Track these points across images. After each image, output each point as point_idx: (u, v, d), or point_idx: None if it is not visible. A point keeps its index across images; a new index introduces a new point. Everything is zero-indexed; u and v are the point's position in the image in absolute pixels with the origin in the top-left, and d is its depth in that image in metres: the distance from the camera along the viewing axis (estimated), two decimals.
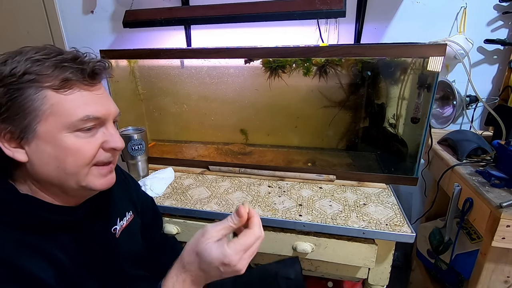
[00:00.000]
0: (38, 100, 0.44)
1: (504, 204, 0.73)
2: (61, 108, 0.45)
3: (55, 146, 0.46)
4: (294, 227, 0.87)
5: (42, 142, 0.45)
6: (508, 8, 1.11)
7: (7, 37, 1.56)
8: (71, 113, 0.46)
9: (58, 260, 0.48)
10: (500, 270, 0.82)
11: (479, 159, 0.99)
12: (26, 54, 0.45)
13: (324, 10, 1.01)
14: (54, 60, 0.45)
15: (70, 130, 0.46)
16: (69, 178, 0.48)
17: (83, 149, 0.47)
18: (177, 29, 1.37)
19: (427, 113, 0.97)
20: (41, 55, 0.45)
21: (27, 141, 0.45)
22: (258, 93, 1.27)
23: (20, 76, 0.43)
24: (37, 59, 0.45)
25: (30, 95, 0.44)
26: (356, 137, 1.27)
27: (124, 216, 0.65)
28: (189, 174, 1.18)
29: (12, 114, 0.44)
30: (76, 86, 0.46)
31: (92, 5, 1.43)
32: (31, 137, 0.45)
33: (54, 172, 0.47)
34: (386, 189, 1.03)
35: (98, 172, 0.51)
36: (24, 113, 0.44)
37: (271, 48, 0.98)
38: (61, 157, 0.46)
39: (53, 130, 0.45)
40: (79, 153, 0.47)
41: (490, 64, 1.21)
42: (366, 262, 0.86)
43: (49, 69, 0.45)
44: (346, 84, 1.21)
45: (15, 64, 0.43)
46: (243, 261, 0.47)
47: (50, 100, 0.45)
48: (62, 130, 0.46)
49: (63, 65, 0.45)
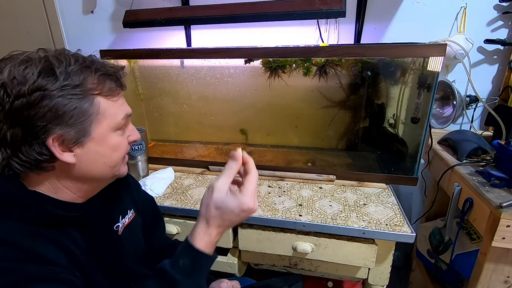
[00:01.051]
0: (94, 107, 0.50)
1: (504, 204, 0.73)
2: (110, 111, 0.52)
3: (104, 145, 0.53)
4: (294, 227, 0.87)
5: (94, 143, 0.51)
6: (508, 8, 1.11)
7: (7, 37, 1.56)
8: (116, 115, 0.54)
9: (71, 251, 0.51)
10: (500, 270, 0.82)
11: (479, 159, 0.99)
12: (69, 64, 0.48)
13: (324, 10, 1.01)
14: (94, 70, 0.51)
15: (114, 129, 0.54)
16: (110, 170, 0.55)
17: (122, 144, 0.56)
18: (177, 29, 1.37)
19: (427, 113, 0.97)
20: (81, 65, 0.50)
21: (81, 144, 0.50)
22: (258, 93, 1.27)
23: (79, 87, 0.48)
24: (81, 69, 0.49)
25: (88, 103, 0.49)
26: (356, 137, 1.27)
27: (126, 214, 0.67)
28: (189, 174, 1.18)
29: (74, 121, 0.48)
30: (116, 92, 0.54)
31: (92, 5, 1.43)
32: (86, 140, 0.50)
33: (100, 168, 0.54)
34: (386, 189, 1.03)
35: (124, 162, 0.60)
36: (84, 118, 0.49)
37: (271, 48, 0.98)
38: (108, 153, 0.54)
39: (104, 132, 0.52)
40: (120, 148, 0.56)
41: (490, 64, 1.21)
42: (366, 262, 0.86)
43: (95, 79, 0.51)
44: (346, 84, 1.21)
45: (64, 75, 0.47)
46: (256, 201, 0.55)
47: (102, 105, 0.51)
48: (110, 130, 0.53)
49: (104, 74, 0.52)
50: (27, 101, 0.44)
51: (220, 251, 0.97)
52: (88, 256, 0.54)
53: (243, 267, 1.03)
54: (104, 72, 0.52)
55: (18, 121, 0.45)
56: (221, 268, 0.97)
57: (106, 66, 0.54)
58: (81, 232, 0.54)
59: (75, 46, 1.58)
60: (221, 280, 0.77)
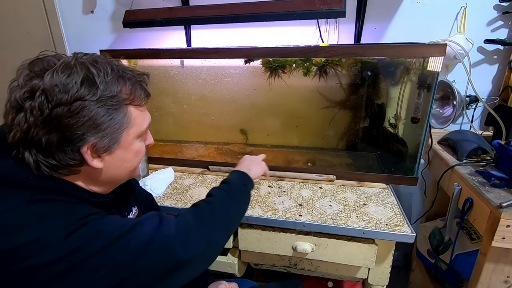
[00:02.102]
0: (126, 116, 0.52)
1: (504, 204, 0.73)
2: (137, 120, 0.55)
3: (129, 151, 0.56)
4: (294, 227, 0.87)
5: (121, 150, 0.54)
6: (508, 8, 1.11)
7: (7, 37, 1.56)
8: (143, 123, 0.56)
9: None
10: (500, 270, 0.82)
11: (479, 159, 0.99)
12: (106, 73, 0.50)
13: (324, 10, 1.01)
14: (128, 79, 0.53)
15: (138, 137, 0.56)
16: (129, 173, 0.59)
17: (142, 149, 0.59)
18: (177, 29, 1.37)
19: (427, 113, 0.97)
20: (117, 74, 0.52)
21: (110, 151, 0.52)
22: (258, 93, 1.27)
23: (116, 97, 0.50)
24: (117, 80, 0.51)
25: (122, 113, 0.52)
26: (356, 137, 1.27)
27: (131, 210, 0.69)
28: (189, 174, 1.18)
29: (109, 130, 0.50)
30: (144, 101, 0.57)
31: (92, 5, 1.43)
32: (115, 147, 0.53)
33: (122, 172, 0.57)
34: (386, 189, 1.03)
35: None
36: (117, 128, 0.51)
37: (271, 48, 0.98)
38: (130, 159, 0.57)
39: (130, 139, 0.55)
40: (141, 153, 0.59)
41: (490, 64, 1.21)
42: (366, 262, 0.86)
43: (128, 88, 0.53)
44: (346, 84, 1.21)
45: (104, 85, 0.49)
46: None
47: (132, 114, 0.53)
48: (135, 137, 0.56)
49: (138, 84, 0.55)
50: (67, 109, 0.45)
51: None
52: None
53: (243, 267, 1.03)
54: (135, 81, 0.54)
55: (56, 128, 0.46)
56: (221, 268, 0.97)
57: (135, 73, 0.55)
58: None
59: (75, 46, 1.59)
60: (219, 282, 0.77)
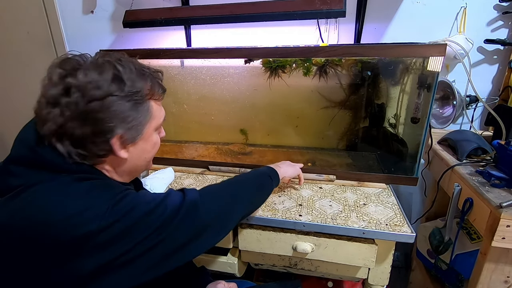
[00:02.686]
0: (148, 110, 0.58)
1: (504, 204, 0.73)
2: (156, 114, 0.60)
3: (149, 143, 0.61)
4: (294, 227, 0.87)
5: (143, 141, 0.59)
6: (508, 8, 1.11)
7: (7, 37, 1.56)
8: (160, 117, 0.62)
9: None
10: (500, 270, 0.82)
11: (479, 159, 0.99)
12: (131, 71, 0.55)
13: (324, 10, 1.01)
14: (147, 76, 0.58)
15: (156, 129, 0.62)
16: (146, 164, 0.64)
17: (158, 141, 0.64)
18: (177, 29, 1.37)
19: (427, 113, 0.97)
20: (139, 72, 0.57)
21: (135, 142, 0.57)
22: (258, 93, 1.27)
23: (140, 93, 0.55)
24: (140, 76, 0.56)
25: (146, 107, 0.57)
26: (356, 137, 1.27)
27: None
28: (189, 174, 1.18)
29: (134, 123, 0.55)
30: (162, 95, 0.62)
31: (92, 5, 1.43)
32: (139, 138, 0.58)
33: (142, 162, 0.62)
34: (386, 189, 1.03)
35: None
36: (141, 121, 0.57)
37: (271, 48, 0.98)
38: (149, 150, 0.62)
39: (150, 131, 0.60)
40: (157, 144, 0.64)
41: (490, 64, 1.21)
42: (366, 262, 0.86)
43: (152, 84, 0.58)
44: (346, 84, 1.21)
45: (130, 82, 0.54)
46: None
47: (153, 108, 0.59)
48: (154, 130, 0.61)
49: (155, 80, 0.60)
50: (100, 104, 0.50)
51: (220, 251, 0.97)
52: None
53: (243, 267, 1.03)
54: (153, 78, 0.59)
55: (89, 121, 0.50)
56: (221, 268, 0.97)
57: (151, 71, 0.60)
58: None
59: (75, 46, 1.59)
60: (218, 281, 0.77)
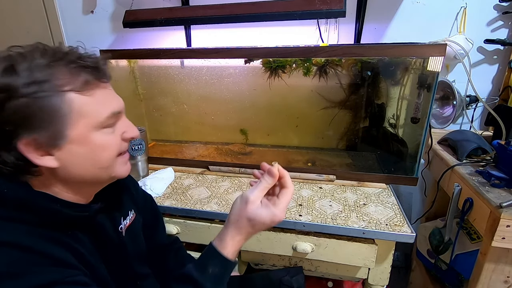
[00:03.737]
0: (64, 105, 0.45)
1: (504, 204, 0.73)
2: (88, 109, 0.47)
3: (89, 145, 0.48)
4: (294, 227, 0.87)
5: (75, 145, 0.47)
6: (508, 8, 1.11)
7: (7, 37, 1.56)
8: (98, 113, 0.48)
9: (81, 253, 0.50)
10: (500, 270, 0.82)
11: (479, 159, 0.99)
12: (33, 59, 0.44)
13: (324, 10, 1.01)
14: (66, 63, 0.46)
15: (98, 128, 0.48)
16: (102, 172, 0.51)
17: (111, 143, 0.51)
18: (177, 29, 1.37)
19: (427, 113, 0.97)
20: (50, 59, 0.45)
21: (58, 147, 0.46)
22: (258, 93, 1.27)
23: (42, 85, 0.43)
24: (48, 64, 0.44)
25: (56, 102, 0.44)
26: (356, 137, 1.27)
27: (127, 215, 0.66)
28: (189, 174, 1.18)
29: (41, 123, 0.43)
30: (95, 85, 0.48)
31: (92, 5, 1.43)
32: (63, 143, 0.46)
33: (89, 170, 0.50)
34: (386, 189, 1.03)
35: (121, 161, 0.54)
36: (53, 120, 0.44)
37: (271, 48, 0.98)
38: (96, 154, 0.49)
39: (84, 132, 0.47)
40: (109, 147, 0.50)
41: (490, 64, 1.21)
42: (366, 262, 0.86)
43: (66, 72, 0.45)
44: (346, 84, 1.21)
45: (28, 72, 0.43)
46: (285, 212, 0.56)
47: (76, 103, 0.46)
48: (91, 130, 0.48)
49: (78, 67, 0.46)
50: None
51: None
52: (96, 258, 0.53)
53: (243, 267, 1.03)
54: (79, 64, 0.46)
55: None
56: None
57: (84, 57, 0.48)
58: (87, 235, 0.53)
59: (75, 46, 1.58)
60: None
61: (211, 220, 0.95)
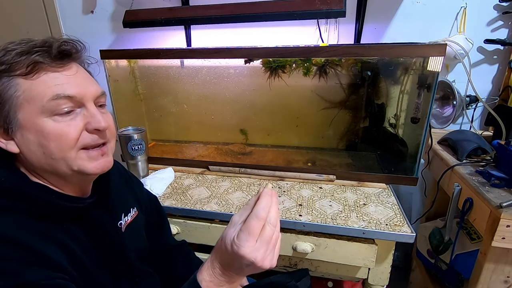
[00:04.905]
0: (11, 89, 0.45)
1: (504, 204, 0.73)
2: (32, 93, 0.45)
3: (36, 132, 0.46)
4: (294, 227, 0.87)
5: (25, 131, 0.46)
6: (508, 8, 1.11)
7: (7, 37, 1.55)
8: (41, 96, 0.45)
9: (71, 249, 0.49)
10: (500, 270, 0.82)
11: (479, 159, 0.99)
12: (2, 47, 0.46)
13: (324, 10, 1.01)
14: (23, 47, 0.46)
15: (47, 114, 0.46)
16: (58, 163, 0.48)
17: (64, 132, 0.47)
18: (177, 29, 1.37)
19: (427, 113, 0.97)
20: (14, 45, 0.46)
21: (13, 132, 0.46)
22: (258, 93, 1.27)
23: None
24: (8, 49, 0.45)
25: (3, 85, 0.45)
26: (356, 137, 1.27)
27: (129, 212, 0.66)
28: (189, 174, 1.18)
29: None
30: (43, 69, 0.46)
31: (92, 5, 1.43)
32: (15, 128, 0.46)
33: (42, 159, 0.47)
34: (386, 189, 1.03)
35: (87, 156, 0.50)
36: (1, 103, 0.45)
37: (271, 48, 0.98)
38: (44, 142, 0.46)
39: (31, 117, 0.45)
40: (61, 137, 0.47)
41: (490, 64, 1.21)
42: (366, 262, 0.86)
43: (17, 56, 0.45)
44: (346, 84, 1.21)
45: None
46: (258, 251, 0.44)
47: (21, 87, 0.45)
48: (39, 115, 0.46)
49: (30, 51, 0.46)
50: None
51: None
52: (90, 253, 0.52)
53: None
54: (29, 48, 0.46)
55: None
56: None
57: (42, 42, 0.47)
58: (83, 229, 0.53)
59: None
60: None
61: (211, 220, 0.95)
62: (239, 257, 0.44)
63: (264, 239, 0.45)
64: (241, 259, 0.44)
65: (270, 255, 0.46)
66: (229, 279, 0.48)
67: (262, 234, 0.45)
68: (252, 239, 0.44)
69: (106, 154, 0.53)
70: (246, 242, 0.43)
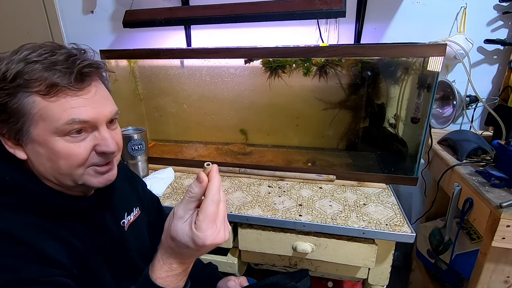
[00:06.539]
0: (28, 105, 0.45)
1: (504, 204, 0.73)
2: (48, 113, 0.46)
3: (47, 149, 0.47)
4: (294, 227, 0.87)
5: (36, 145, 0.47)
6: (508, 8, 1.11)
7: (7, 37, 1.56)
8: (57, 118, 0.46)
9: (74, 246, 0.50)
10: (500, 270, 0.82)
11: (479, 159, 0.99)
12: (22, 54, 0.45)
13: (324, 10, 1.01)
14: (44, 62, 0.45)
15: (59, 134, 0.47)
16: (64, 178, 0.49)
17: (73, 152, 0.48)
18: (177, 29, 1.37)
19: (427, 113, 0.97)
20: (35, 56, 0.45)
21: (24, 143, 0.47)
22: (258, 93, 1.27)
23: (11, 81, 0.44)
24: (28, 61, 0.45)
25: (21, 100, 0.45)
26: (356, 137, 1.27)
27: (132, 211, 0.67)
28: (189, 174, 1.18)
29: (5, 117, 0.45)
30: (62, 92, 0.46)
31: (92, 5, 1.43)
32: (26, 139, 0.47)
33: (49, 171, 0.49)
34: (386, 189, 1.03)
35: (94, 171, 0.51)
36: (17, 116, 0.45)
37: (271, 48, 0.98)
38: (54, 159, 0.48)
39: (44, 134, 0.46)
40: (70, 156, 0.48)
41: (490, 64, 1.21)
42: (366, 262, 0.86)
43: (38, 73, 0.45)
44: (346, 84, 1.21)
45: (9, 65, 0.44)
46: (218, 232, 0.45)
47: (38, 105, 0.45)
48: (52, 134, 0.46)
49: (52, 69, 0.45)
50: None
51: (220, 251, 0.97)
52: (93, 251, 0.54)
53: (243, 267, 1.03)
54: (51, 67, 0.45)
55: None
56: (221, 268, 0.96)
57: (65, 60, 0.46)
58: (85, 227, 0.54)
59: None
60: (228, 278, 0.76)
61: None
62: (204, 247, 0.45)
63: (220, 219, 0.46)
64: (207, 248, 0.45)
65: (226, 228, 0.47)
66: (188, 266, 0.49)
67: (219, 214, 0.45)
68: (213, 224, 0.44)
69: (112, 167, 0.54)
70: (209, 230, 0.44)
